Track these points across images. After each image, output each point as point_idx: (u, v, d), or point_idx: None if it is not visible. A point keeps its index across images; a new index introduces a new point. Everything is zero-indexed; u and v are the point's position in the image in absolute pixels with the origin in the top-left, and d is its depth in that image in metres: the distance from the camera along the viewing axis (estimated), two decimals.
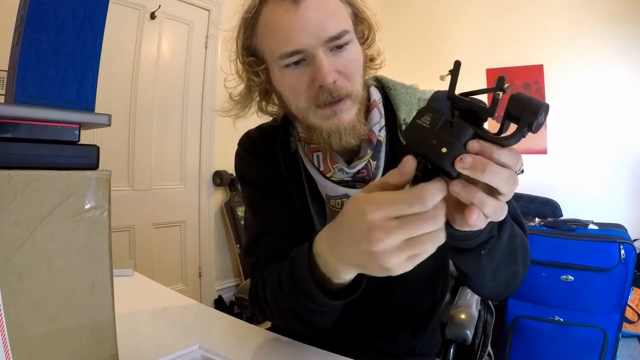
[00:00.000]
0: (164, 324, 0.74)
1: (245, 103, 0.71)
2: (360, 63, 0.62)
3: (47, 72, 0.43)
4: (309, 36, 0.56)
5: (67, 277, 0.41)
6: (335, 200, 0.67)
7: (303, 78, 0.59)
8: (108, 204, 0.44)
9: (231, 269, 2.88)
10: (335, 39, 0.58)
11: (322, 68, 0.56)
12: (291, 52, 0.58)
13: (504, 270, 0.56)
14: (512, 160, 0.36)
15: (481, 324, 0.98)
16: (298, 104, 0.62)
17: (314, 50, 0.57)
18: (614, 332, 1.73)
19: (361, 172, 0.65)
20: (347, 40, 0.59)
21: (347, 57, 0.59)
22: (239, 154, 0.78)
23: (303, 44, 0.57)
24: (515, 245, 0.56)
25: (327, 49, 0.58)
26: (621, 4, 2.73)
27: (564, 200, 2.59)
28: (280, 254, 0.63)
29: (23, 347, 0.39)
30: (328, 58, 0.57)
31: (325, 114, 0.60)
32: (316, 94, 0.59)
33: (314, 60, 0.57)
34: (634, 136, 2.71)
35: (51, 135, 0.42)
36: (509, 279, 0.59)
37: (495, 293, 0.63)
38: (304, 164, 0.70)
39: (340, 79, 0.59)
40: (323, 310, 0.55)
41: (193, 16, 2.61)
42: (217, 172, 2.72)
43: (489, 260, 0.51)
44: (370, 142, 0.64)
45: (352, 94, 0.60)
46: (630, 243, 1.73)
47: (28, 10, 0.41)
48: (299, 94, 0.61)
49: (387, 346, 0.73)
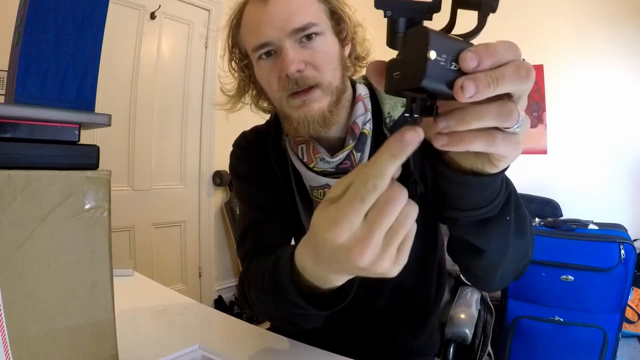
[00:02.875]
0: (164, 324, 0.74)
1: (238, 98, 0.76)
2: (332, 55, 0.64)
3: (47, 72, 0.43)
4: (274, 29, 0.61)
5: (67, 277, 0.41)
6: (317, 190, 0.69)
7: (273, 69, 0.63)
8: (108, 204, 0.44)
9: (231, 269, 2.88)
10: (299, 30, 0.61)
11: (287, 58, 0.60)
12: (260, 45, 0.62)
13: (517, 244, 0.50)
14: (510, 52, 0.29)
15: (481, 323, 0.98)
16: (273, 95, 0.66)
17: (280, 42, 0.61)
18: (614, 332, 1.73)
19: (344, 163, 0.66)
20: (314, 31, 0.62)
21: (316, 48, 0.62)
22: (234, 153, 0.82)
23: (269, 37, 0.61)
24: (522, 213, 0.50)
25: (294, 41, 0.61)
26: (621, 4, 2.73)
27: (564, 200, 2.60)
28: (268, 246, 0.65)
29: (23, 347, 0.39)
30: (294, 49, 0.61)
31: (295, 103, 0.63)
32: (284, 83, 0.62)
33: (281, 51, 0.61)
34: (634, 136, 2.71)
35: (51, 135, 0.42)
36: (520, 257, 0.53)
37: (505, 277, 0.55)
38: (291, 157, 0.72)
39: (308, 69, 0.62)
40: (308, 315, 0.51)
41: (193, 16, 2.60)
42: (217, 172, 2.72)
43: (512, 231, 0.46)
44: (353, 133, 0.66)
45: (322, 84, 0.62)
46: (630, 243, 1.73)
47: (28, 10, 0.41)
48: (271, 84, 0.64)
49: (385, 346, 0.73)
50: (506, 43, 0.29)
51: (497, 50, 0.28)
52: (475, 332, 0.92)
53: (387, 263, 0.33)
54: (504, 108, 0.29)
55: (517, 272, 0.57)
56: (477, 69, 0.28)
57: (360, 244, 0.32)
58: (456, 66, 0.28)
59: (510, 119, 0.29)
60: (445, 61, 0.27)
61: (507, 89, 0.29)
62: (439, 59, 0.27)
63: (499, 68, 0.28)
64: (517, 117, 0.29)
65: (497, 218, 0.43)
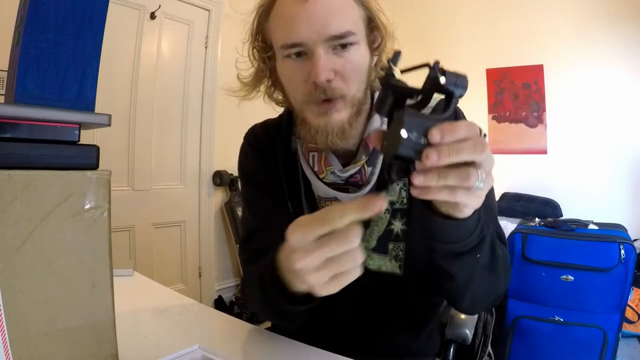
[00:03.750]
0: (164, 324, 0.74)
1: (253, 86, 0.72)
2: (362, 67, 0.62)
3: (47, 72, 0.43)
4: (310, 30, 0.57)
5: (67, 277, 0.41)
6: (325, 202, 0.68)
7: (301, 71, 0.60)
8: (108, 204, 0.44)
9: (231, 269, 2.88)
10: (337, 37, 0.57)
11: (318, 65, 0.57)
12: (292, 44, 0.59)
13: (487, 278, 0.58)
14: (469, 131, 0.37)
15: (481, 324, 0.97)
16: (295, 97, 0.63)
17: (313, 46, 0.57)
18: (614, 332, 1.73)
19: (354, 177, 0.65)
20: (350, 41, 0.58)
21: (348, 58, 0.59)
22: (243, 148, 0.79)
23: (304, 38, 0.57)
24: (497, 255, 0.58)
25: (329, 47, 0.58)
26: (621, 4, 2.73)
27: (564, 200, 2.60)
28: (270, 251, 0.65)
29: (23, 347, 0.39)
30: (327, 56, 0.58)
31: (317, 111, 0.61)
32: (310, 90, 0.59)
33: (313, 55, 0.58)
34: (633, 136, 2.71)
35: (51, 135, 0.42)
36: (490, 289, 0.62)
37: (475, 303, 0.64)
38: (301, 162, 0.70)
39: (336, 80, 0.59)
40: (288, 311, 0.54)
41: (193, 16, 2.61)
42: (217, 172, 2.72)
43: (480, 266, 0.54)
44: (367, 147, 0.64)
45: (346, 97, 0.60)
46: (630, 243, 1.73)
47: (28, 10, 0.41)
48: (295, 87, 0.62)
49: (385, 346, 0.73)
50: (467, 123, 0.37)
51: (458, 128, 0.36)
52: (476, 332, 0.92)
53: (316, 280, 0.40)
54: (464, 172, 0.37)
55: (488, 304, 0.66)
56: (441, 142, 0.36)
57: (304, 251, 0.40)
58: (425, 140, 0.37)
59: (469, 180, 0.37)
60: (417, 137, 0.37)
61: (466, 159, 0.37)
62: (410, 136, 0.36)
63: (460, 142, 0.36)
64: (475, 178, 0.37)
65: (468, 254, 0.52)
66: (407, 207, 0.67)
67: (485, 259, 0.54)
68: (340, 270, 0.40)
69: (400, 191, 0.68)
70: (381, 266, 0.68)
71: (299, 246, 0.40)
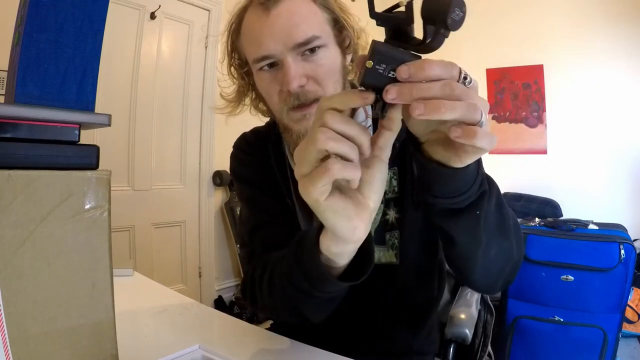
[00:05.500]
0: (164, 324, 0.74)
1: (237, 102, 0.76)
2: (334, 67, 0.64)
3: (47, 72, 0.43)
4: (276, 42, 0.59)
5: (67, 277, 0.41)
6: None
7: (275, 81, 0.62)
8: (108, 204, 0.44)
9: (231, 269, 2.88)
10: (302, 44, 0.60)
11: (288, 74, 0.59)
12: (261, 57, 0.62)
13: (497, 243, 0.53)
14: (444, 70, 0.34)
15: (481, 323, 0.97)
16: (273, 106, 0.66)
17: (281, 56, 0.60)
18: (614, 332, 1.73)
19: None
20: (317, 44, 0.61)
21: (318, 62, 0.61)
22: (234, 155, 0.82)
23: (271, 50, 0.60)
24: (506, 214, 0.53)
25: (297, 54, 0.60)
26: (621, 4, 2.73)
27: (564, 200, 2.60)
28: (276, 245, 0.64)
29: (23, 347, 0.39)
30: (297, 63, 0.60)
31: (296, 117, 0.63)
32: (285, 97, 0.62)
33: (283, 65, 0.60)
34: (633, 136, 2.71)
35: (51, 135, 0.42)
36: (503, 257, 0.56)
37: (489, 276, 0.57)
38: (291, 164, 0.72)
39: (310, 84, 0.61)
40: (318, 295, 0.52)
41: (193, 16, 2.60)
42: (217, 172, 2.72)
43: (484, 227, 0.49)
44: None
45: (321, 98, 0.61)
46: (630, 243, 1.73)
47: (28, 10, 0.41)
48: (272, 97, 0.64)
49: (385, 345, 0.73)
50: (443, 63, 0.34)
51: (431, 67, 0.33)
52: (476, 332, 0.92)
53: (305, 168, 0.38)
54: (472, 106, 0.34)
55: (503, 275, 0.58)
56: (408, 79, 0.34)
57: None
58: (394, 74, 0.34)
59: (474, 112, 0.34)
60: (386, 69, 0.34)
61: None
62: (378, 67, 0.34)
63: (429, 83, 0.33)
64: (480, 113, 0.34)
65: (467, 211, 0.47)
66: (399, 195, 0.69)
67: (490, 218, 0.50)
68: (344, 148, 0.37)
69: (391, 180, 0.70)
70: (380, 258, 0.69)
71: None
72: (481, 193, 0.47)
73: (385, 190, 0.68)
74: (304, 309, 0.56)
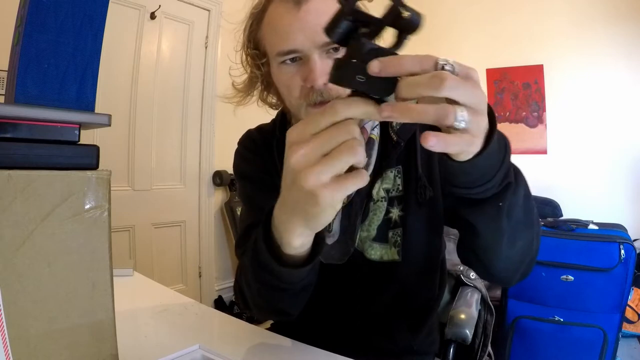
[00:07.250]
0: (164, 324, 0.74)
1: (247, 92, 0.75)
2: None
3: (47, 72, 0.43)
4: (305, 38, 0.60)
5: (67, 277, 0.41)
6: None
7: (297, 76, 0.62)
8: (108, 204, 0.44)
9: (231, 269, 2.88)
10: (330, 42, 0.59)
11: (315, 70, 0.59)
12: (287, 51, 0.61)
13: (522, 235, 0.53)
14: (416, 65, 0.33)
15: (481, 323, 0.98)
16: (291, 100, 0.66)
17: (309, 52, 0.60)
18: (614, 332, 1.73)
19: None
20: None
21: None
22: (238, 152, 0.81)
23: (299, 45, 0.60)
24: (532, 207, 0.54)
25: (323, 52, 0.61)
26: (621, 4, 2.73)
27: (564, 200, 2.60)
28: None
29: (23, 347, 0.39)
30: (322, 60, 0.60)
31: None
32: (307, 93, 0.62)
33: (308, 60, 0.61)
34: (633, 136, 2.71)
35: (51, 135, 0.42)
36: (525, 249, 0.55)
37: (510, 267, 0.57)
38: None
39: None
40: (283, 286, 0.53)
41: (193, 16, 2.61)
42: (217, 172, 2.72)
43: (508, 218, 0.49)
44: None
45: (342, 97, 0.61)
46: (630, 243, 1.73)
47: (28, 10, 0.41)
48: (292, 91, 0.64)
49: (385, 344, 0.73)
50: (417, 57, 0.33)
51: (403, 62, 0.33)
52: (476, 332, 0.92)
53: (315, 178, 0.36)
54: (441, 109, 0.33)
55: (522, 268, 0.59)
56: (379, 74, 0.33)
57: (300, 143, 0.38)
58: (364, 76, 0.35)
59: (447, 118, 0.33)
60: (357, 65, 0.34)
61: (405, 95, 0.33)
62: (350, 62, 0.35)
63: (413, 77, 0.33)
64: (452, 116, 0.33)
65: (488, 201, 0.48)
66: (403, 193, 0.70)
67: (516, 210, 0.49)
68: (340, 166, 0.36)
69: (395, 178, 0.70)
70: (382, 255, 0.69)
71: (296, 140, 0.38)
72: (506, 185, 0.47)
73: (390, 188, 0.70)
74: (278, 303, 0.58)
